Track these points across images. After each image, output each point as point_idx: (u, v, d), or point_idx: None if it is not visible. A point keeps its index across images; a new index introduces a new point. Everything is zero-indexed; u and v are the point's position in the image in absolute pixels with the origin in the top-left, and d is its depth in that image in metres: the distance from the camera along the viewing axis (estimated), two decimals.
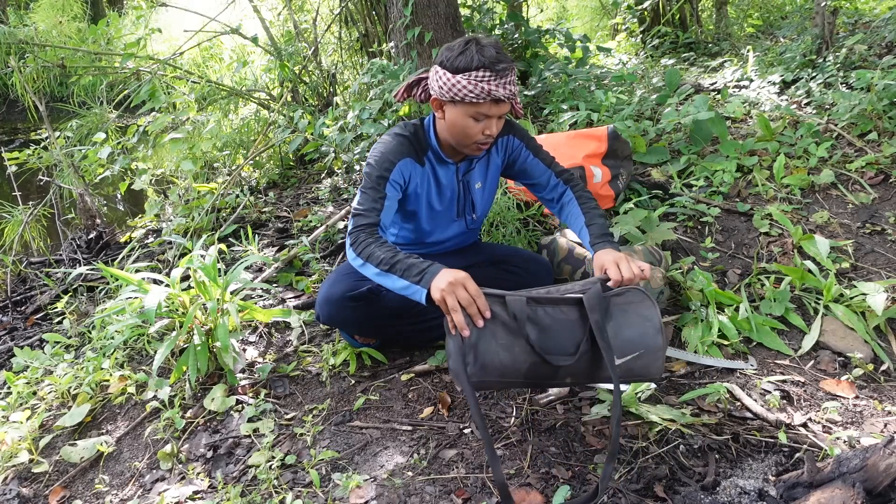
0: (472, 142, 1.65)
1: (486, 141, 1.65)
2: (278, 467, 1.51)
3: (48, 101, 3.51)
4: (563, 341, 1.36)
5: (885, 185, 2.51)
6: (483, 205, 1.93)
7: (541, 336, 1.36)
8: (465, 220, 1.92)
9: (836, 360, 1.80)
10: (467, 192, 1.86)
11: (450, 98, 1.59)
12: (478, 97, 1.56)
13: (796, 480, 1.25)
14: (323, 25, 4.61)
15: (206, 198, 3.19)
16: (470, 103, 1.58)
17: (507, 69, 1.56)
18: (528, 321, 1.36)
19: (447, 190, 1.83)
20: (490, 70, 1.53)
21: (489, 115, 1.60)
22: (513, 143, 1.86)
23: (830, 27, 3.79)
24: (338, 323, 1.84)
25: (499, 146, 1.86)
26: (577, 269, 2.06)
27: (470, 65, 1.54)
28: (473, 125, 1.62)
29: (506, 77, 1.56)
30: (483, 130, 1.62)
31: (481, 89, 1.54)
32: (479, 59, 1.53)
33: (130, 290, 1.85)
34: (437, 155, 1.78)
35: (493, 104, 1.58)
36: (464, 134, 1.64)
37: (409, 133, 1.76)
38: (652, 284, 1.94)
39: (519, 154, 1.87)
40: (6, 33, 3.15)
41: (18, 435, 1.71)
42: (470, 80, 1.54)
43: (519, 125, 1.90)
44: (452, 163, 1.80)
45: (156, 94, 3.35)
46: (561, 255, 2.10)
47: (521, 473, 1.42)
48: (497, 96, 1.55)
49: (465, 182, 1.84)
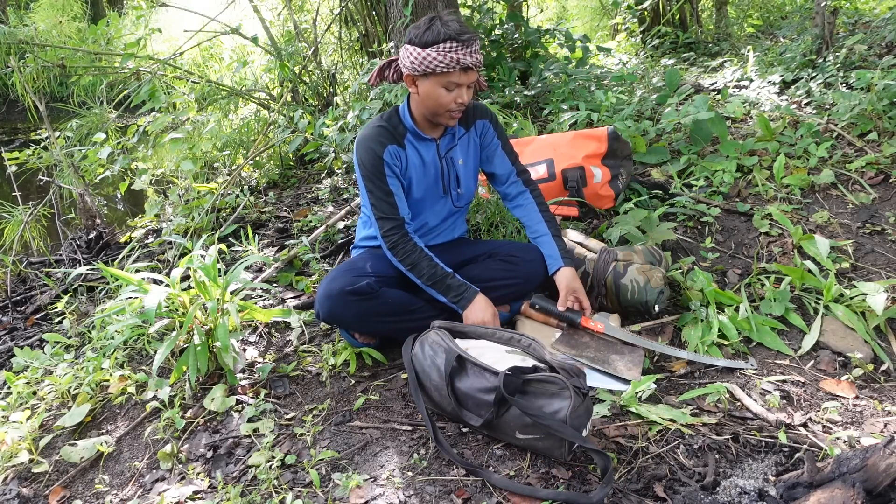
0: (446, 111, 1.77)
1: (458, 109, 1.77)
2: (278, 467, 1.51)
3: (48, 101, 3.51)
4: (475, 405, 1.51)
5: (885, 185, 2.51)
6: (467, 181, 2.01)
7: (461, 391, 1.53)
8: (450, 198, 2.00)
9: (836, 360, 1.80)
10: (451, 168, 1.96)
11: (422, 71, 1.72)
12: (448, 66, 1.68)
13: (796, 480, 1.25)
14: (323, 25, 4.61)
15: (206, 198, 3.19)
16: (441, 73, 1.70)
17: (472, 38, 1.69)
18: (455, 374, 1.54)
19: (430, 167, 1.93)
20: (456, 41, 1.67)
21: (459, 83, 1.73)
22: (488, 128, 2.01)
23: (830, 27, 3.79)
24: (337, 319, 1.84)
25: (477, 127, 1.99)
26: (576, 269, 2.06)
27: (437, 38, 1.67)
28: (446, 95, 1.74)
29: (471, 46, 1.69)
30: (455, 99, 1.75)
31: (451, 59, 1.67)
32: (445, 32, 1.67)
33: (130, 290, 1.85)
34: (416, 134, 1.89)
35: (463, 72, 1.71)
36: (438, 104, 1.76)
37: (384, 121, 1.88)
38: (652, 284, 1.94)
39: (490, 141, 2.01)
40: (6, 33, 3.15)
41: (18, 435, 1.71)
42: (439, 52, 1.68)
43: (494, 115, 2.04)
44: (432, 139, 1.91)
45: (156, 94, 3.35)
46: None
47: (522, 473, 1.42)
48: (466, 64, 1.69)
49: (449, 159, 1.95)
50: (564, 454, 1.41)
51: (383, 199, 1.83)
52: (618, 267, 2.01)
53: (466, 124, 1.97)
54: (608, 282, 2.01)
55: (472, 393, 1.50)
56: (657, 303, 1.94)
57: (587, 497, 1.29)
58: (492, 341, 1.67)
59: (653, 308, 1.94)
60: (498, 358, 1.54)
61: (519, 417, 1.43)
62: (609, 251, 2.07)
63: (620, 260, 2.03)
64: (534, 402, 1.42)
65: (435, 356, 1.59)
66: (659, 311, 1.95)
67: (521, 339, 1.62)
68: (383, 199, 1.83)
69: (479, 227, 2.50)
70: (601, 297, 2.04)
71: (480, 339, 1.69)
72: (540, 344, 1.58)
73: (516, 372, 1.43)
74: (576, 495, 1.31)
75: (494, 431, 1.51)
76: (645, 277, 1.95)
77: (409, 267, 1.84)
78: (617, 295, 1.99)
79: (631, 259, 2.04)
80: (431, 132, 1.90)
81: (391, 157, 1.84)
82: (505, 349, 1.61)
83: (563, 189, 2.51)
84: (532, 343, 1.59)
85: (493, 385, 1.46)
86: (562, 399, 1.39)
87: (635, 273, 1.97)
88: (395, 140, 1.85)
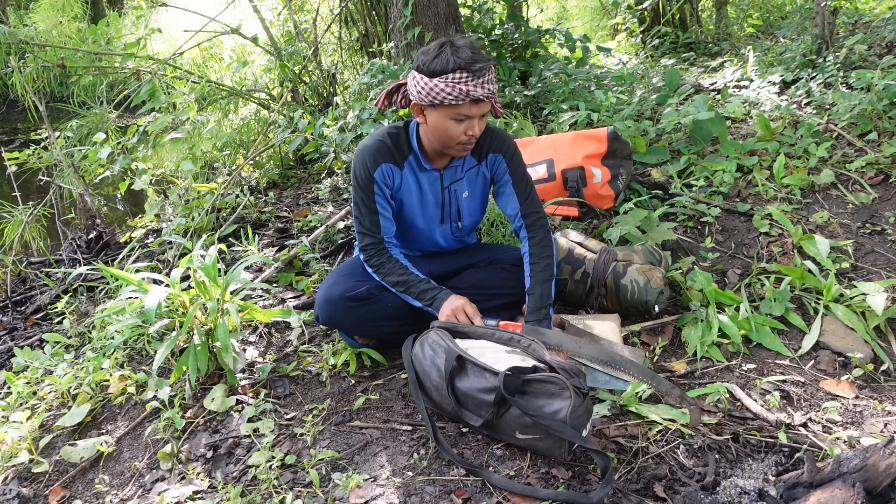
0: (456, 143, 1.67)
1: (469, 141, 1.67)
2: (278, 467, 1.51)
3: (48, 101, 3.51)
4: (475, 406, 1.51)
5: (885, 185, 2.51)
6: (471, 214, 1.95)
7: (461, 391, 1.52)
8: (450, 227, 1.94)
9: (836, 360, 1.80)
10: (453, 200, 1.88)
11: (429, 102, 1.61)
12: (456, 99, 1.57)
13: (796, 480, 1.25)
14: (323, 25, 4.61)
15: (206, 198, 3.19)
16: (450, 105, 1.59)
17: (484, 68, 1.57)
18: (455, 374, 1.53)
19: (429, 195, 1.86)
20: (466, 71, 1.55)
21: (470, 115, 1.61)
22: (500, 164, 1.87)
23: (830, 27, 3.79)
24: (337, 323, 1.84)
25: (488, 161, 1.87)
26: (576, 269, 2.06)
27: (446, 67, 1.55)
28: (455, 127, 1.63)
29: (483, 76, 1.57)
30: (465, 131, 1.64)
31: (459, 91, 1.56)
32: (455, 61, 1.54)
33: (130, 290, 1.85)
34: (418, 160, 1.80)
35: (473, 104, 1.60)
36: (447, 136, 1.66)
37: (390, 136, 1.78)
38: (652, 284, 1.94)
39: (501, 177, 1.89)
40: (6, 33, 3.15)
41: (18, 435, 1.71)
42: (447, 83, 1.56)
43: (514, 148, 1.88)
44: (435, 169, 1.82)
45: (156, 94, 3.35)
46: (561, 254, 2.10)
47: (522, 473, 1.42)
48: (476, 96, 1.57)
49: (452, 190, 1.86)
50: (564, 454, 1.41)
51: (367, 215, 1.80)
52: (618, 267, 2.01)
53: (479, 156, 1.86)
54: (608, 282, 2.01)
55: (472, 393, 1.50)
56: (657, 303, 1.94)
57: (587, 497, 1.29)
58: (492, 341, 1.67)
59: (653, 308, 1.94)
60: (498, 358, 1.54)
61: (519, 417, 1.43)
62: (609, 251, 2.07)
63: (620, 260, 2.03)
64: (534, 402, 1.42)
65: (435, 356, 1.59)
66: (659, 311, 1.95)
67: (520, 339, 1.62)
68: (367, 215, 1.80)
69: (479, 227, 2.50)
70: (601, 297, 2.03)
71: (480, 339, 1.69)
72: (539, 344, 1.58)
73: (516, 372, 1.44)
74: (576, 495, 1.31)
75: (494, 431, 1.51)
76: (645, 277, 1.95)
77: (382, 277, 1.82)
78: (617, 295, 1.99)
79: (631, 259, 2.04)
80: (436, 162, 1.82)
81: (383, 176, 1.77)
82: (505, 349, 1.61)
83: (563, 189, 2.51)
84: (532, 343, 1.59)
85: (493, 385, 1.46)
86: (562, 399, 1.39)
87: (635, 273, 1.97)
88: (392, 159, 1.77)
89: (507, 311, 1.99)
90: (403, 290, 1.80)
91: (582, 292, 2.08)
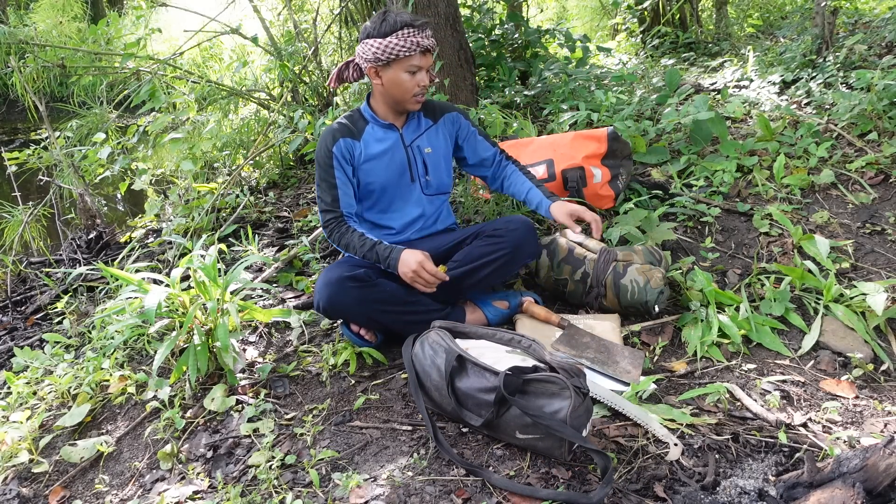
0: (411, 95, 1.91)
1: (422, 92, 1.92)
2: (278, 467, 1.51)
3: (48, 101, 3.51)
4: (475, 405, 1.51)
5: (885, 185, 2.51)
6: (436, 169, 2.08)
7: (462, 391, 1.53)
8: (419, 184, 2.07)
9: (836, 360, 1.80)
10: (417, 156, 2.05)
11: (385, 60, 1.86)
12: (409, 49, 1.83)
13: (796, 480, 1.25)
14: (323, 25, 4.61)
15: (206, 198, 3.19)
16: (404, 58, 1.85)
17: (425, 24, 1.87)
18: (456, 373, 1.54)
19: (395, 156, 2.02)
20: (412, 26, 1.83)
21: (420, 65, 1.88)
22: (461, 119, 2.13)
23: (830, 27, 3.78)
24: (337, 306, 1.84)
25: (447, 120, 2.11)
26: (576, 269, 2.07)
27: (395, 26, 1.83)
28: (409, 79, 1.88)
29: (425, 30, 1.86)
30: (418, 83, 1.89)
31: (411, 42, 1.83)
32: (401, 20, 1.83)
33: (130, 290, 1.85)
34: (377, 123, 2.01)
35: (422, 55, 1.87)
36: (403, 89, 1.90)
37: (347, 117, 2.02)
38: (652, 284, 1.94)
39: (466, 131, 2.14)
40: (6, 33, 3.15)
41: (18, 435, 1.71)
42: (399, 38, 1.83)
43: (461, 108, 2.19)
44: (394, 127, 2.02)
45: (156, 94, 3.35)
46: (561, 254, 2.10)
47: (522, 473, 1.42)
48: (425, 45, 1.85)
49: (415, 147, 2.04)
50: (564, 454, 1.41)
51: (327, 190, 1.96)
52: (617, 267, 2.01)
53: (434, 116, 2.09)
54: (608, 282, 2.01)
55: (473, 393, 1.50)
56: (657, 303, 1.94)
57: (587, 497, 1.29)
58: (492, 341, 1.67)
59: (653, 308, 1.94)
60: (498, 358, 1.54)
61: (519, 417, 1.43)
62: (609, 251, 2.07)
63: (620, 260, 2.03)
64: (534, 402, 1.42)
65: (435, 356, 1.59)
66: (659, 311, 1.95)
67: (521, 340, 1.62)
68: (327, 190, 1.96)
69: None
70: (601, 297, 2.04)
71: (481, 339, 1.69)
72: (540, 344, 1.58)
73: (516, 372, 1.44)
74: (576, 495, 1.31)
75: (494, 431, 1.51)
76: (645, 278, 1.95)
77: (343, 246, 1.95)
78: (617, 295, 1.99)
79: (631, 259, 2.04)
80: (394, 120, 2.02)
81: (340, 150, 1.95)
82: (505, 349, 1.61)
83: (563, 189, 2.51)
84: (532, 343, 1.59)
85: (493, 385, 1.46)
86: (562, 399, 1.39)
87: (635, 273, 1.97)
88: (350, 134, 1.97)
89: (499, 280, 2.05)
90: (363, 255, 1.90)
91: (582, 292, 2.08)
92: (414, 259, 1.81)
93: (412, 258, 1.81)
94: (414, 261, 1.80)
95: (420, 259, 1.80)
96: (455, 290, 1.97)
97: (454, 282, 1.92)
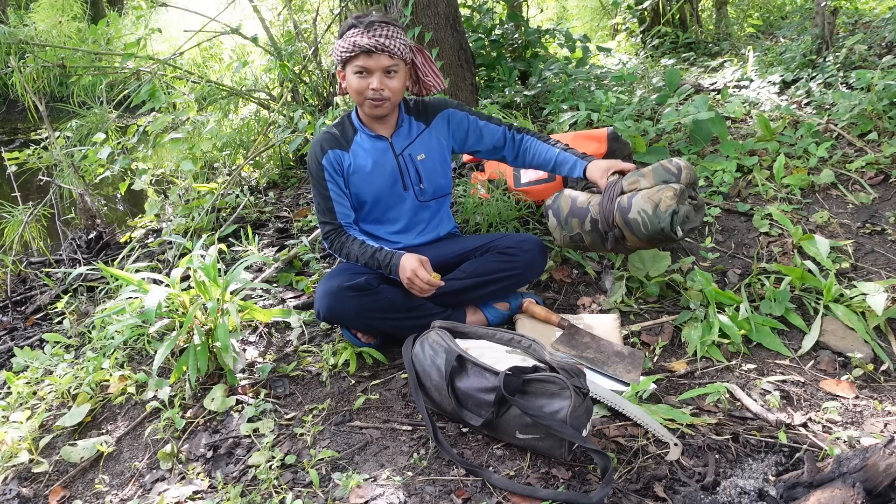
0: (364, 98, 1.83)
1: (374, 96, 1.82)
2: (278, 467, 1.51)
3: (48, 101, 3.51)
4: (475, 405, 1.51)
5: (885, 185, 2.51)
6: (430, 176, 2.02)
7: (462, 391, 1.53)
8: (413, 192, 2.02)
9: (836, 360, 1.81)
10: (409, 164, 1.99)
11: (339, 62, 1.83)
12: (348, 51, 1.78)
13: (796, 480, 1.25)
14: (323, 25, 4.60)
15: (206, 198, 3.19)
16: (348, 59, 1.80)
17: (377, 24, 1.77)
18: (456, 373, 1.54)
19: (384, 165, 1.96)
20: (358, 26, 1.77)
21: (366, 66, 1.79)
22: (455, 114, 2.03)
23: (830, 27, 3.78)
24: (337, 315, 1.84)
25: (441, 119, 2.02)
26: (583, 220, 1.85)
27: (345, 29, 1.80)
28: (359, 81, 1.81)
29: (374, 30, 1.76)
30: (369, 85, 1.80)
31: (351, 43, 1.77)
32: (352, 22, 1.79)
33: (130, 290, 1.85)
34: (365, 134, 1.95)
35: (367, 56, 1.77)
36: (356, 92, 1.84)
37: (335, 126, 1.98)
38: (661, 208, 1.66)
39: (466, 123, 2.04)
40: (6, 33, 3.15)
41: (18, 435, 1.71)
42: (344, 40, 1.79)
43: (454, 101, 2.06)
44: (383, 138, 1.96)
45: (156, 94, 3.34)
46: (565, 210, 1.92)
47: (522, 473, 1.42)
48: (362, 44, 1.75)
49: (407, 156, 1.98)
50: (564, 454, 1.41)
51: (321, 203, 1.95)
52: (622, 201, 1.72)
53: (426, 120, 2.01)
54: (618, 222, 1.73)
55: (473, 393, 1.50)
56: (675, 225, 1.63)
57: (587, 497, 1.29)
58: (492, 341, 1.67)
59: (674, 233, 1.65)
60: (498, 358, 1.54)
61: (519, 417, 1.43)
62: (614, 183, 1.79)
63: (625, 191, 1.74)
64: (534, 402, 1.42)
65: (435, 356, 1.59)
66: (684, 234, 1.64)
67: (521, 340, 1.62)
68: (321, 203, 1.95)
69: (480, 227, 2.50)
70: (621, 239, 1.77)
71: (481, 339, 1.69)
72: (540, 344, 1.58)
73: (516, 372, 1.44)
74: (576, 495, 1.31)
75: (494, 431, 1.51)
76: (652, 203, 1.65)
77: (345, 256, 1.94)
78: (634, 233, 1.71)
79: (637, 186, 1.73)
80: (382, 130, 1.96)
81: (331, 163, 1.92)
82: (505, 349, 1.61)
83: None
84: (532, 343, 1.59)
85: (493, 385, 1.46)
86: (562, 399, 1.39)
87: (640, 202, 1.67)
88: (339, 145, 1.93)
89: (504, 296, 2.02)
90: (364, 262, 1.89)
91: (600, 241, 1.85)
92: (409, 266, 1.79)
93: (408, 264, 1.79)
94: (409, 267, 1.79)
95: (414, 266, 1.78)
96: (459, 300, 1.97)
97: (460, 292, 1.93)
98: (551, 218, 1.95)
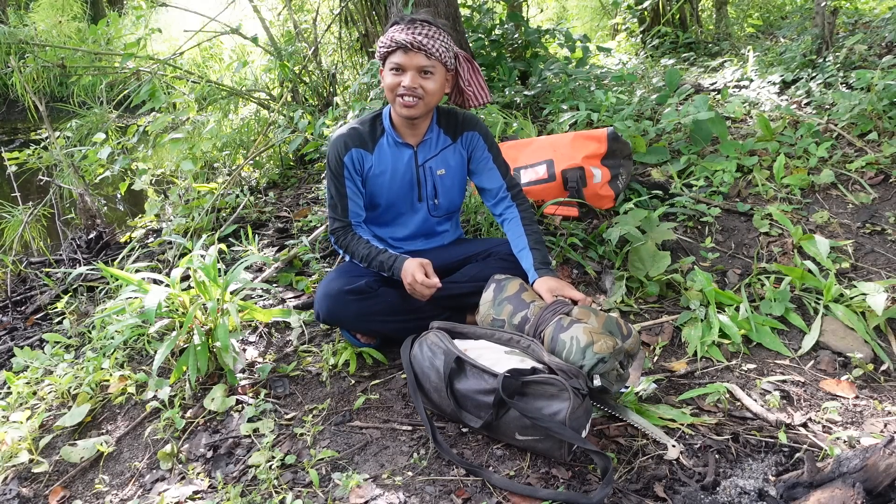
0: (396, 96, 1.79)
1: (407, 94, 1.77)
2: (278, 467, 1.51)
3: (48, 101, 3.51)
4: (474, 407, 1.51)
5: (885, 185, 2.51)
6: (447, 192, 2.00)
7: (461, 393, 1.53)
8: (427, 206, 2.00)
9: (836, 360, 1.81)
10: (429, 178, 1.96)
11: (380, 58, 1.80)
12: (386, 46, 1.76)
13: (796, 480, 1.25)
14: (323, 25, 4.60)
15: (206, 198, 3.19)
16: (385, 55, 1.78)
17: (419, 22, 1.75)
18: (454, 375, 1.54)
19: (404, 174, 1.94)
20: (399, 24, 1.76)
21: (401, 64, 1.75)
22: (478, 141, 1.98)
23: (830, 27, 3.78)
24: (336, 318, 1.85)
25: (465, 139, 1.97)
26: (517, 312, 1.72)
27: (389, 25, 1.79)
28: (393, 78, 1.77)
29: (414, 28, 1.74)
30: (400, 83, 1.76)
31: (390, 38, 1.74)
32: (396, 19, 1.78)
33: (130, 290, 1.85)
34: (392, 138, 1.91)
35: (403, 53, 1.74)
36: (388, 89, 1.80)
37: (361, 123, 1.93)
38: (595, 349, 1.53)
39: (481, 154, 1.99)
40: (6, 33, 3.15)
41: (18, 435, 1.71)
42: (385, 37, 1.77)
43: (485, 127, 2.01)
44: (408, 146, 1.92)
45: (156, 94, 3.34)
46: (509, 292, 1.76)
47: (522, 474, 1.42)
48: (398, 39, 1.72)
49: (427, 168, 1.95)
50: (564, 455, 1.41)
51: (335, 198, 1.92)
52: (563, 321, 1.61)
53: (454, 135, 1.95)
54: (545, 333, 1.62)
55: (472, 395, 1.50)
56: (595, 370, 1.50)
57: (587, 497, 1.29)
58: (491, 341, 1.67)
59: (589, 377, 1.51)
60: (497, 359, 1.54)
61: (518, 419, 1.43)
62: (563, 302, 1.70)
63: (572, 316, 1.64)
64: (533, 404, 1.42)
65: (434, 357, 1.59)
66: (601, 385, 1.52)
67: (520, 340, 1.62)
68: (335, 198, 1.92)
69: (480, 227, 2.50)
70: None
71: (480, 339, 1.69)
72: (539, 344, 1.58)
73: (515, 374, 1.44)
74: (576, 495, 1.31)
75: (494, 433, 1.51)
76: (589, 339, 1.52)
77: (349, 254, 1.93)
78: (552, 350, 1.58)
79: (583, 319, 1.62)
80: (409, 137, 1.91)
81: (352, 161, 1.89)
82: (504, 349, 1.61)
83: (563, 189, 2.51)
84: (531, 343, 1.59)
85: (492, 387, 1.46)
86: (561, 400, 1.39)
87: (579, 331, 1.55)
88: (362, 144, 1.89)
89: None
90: (368, 263, 1.88)
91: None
92: (410, 271, 1.78)
93: (411, 269, 1.78)
94: (411, 272, 1.78)
95: (416, 271, 1.77)
96: (460, 304, 1.96)
97: (460, 297, 1.92)
98: (489, 291, 1.79)
